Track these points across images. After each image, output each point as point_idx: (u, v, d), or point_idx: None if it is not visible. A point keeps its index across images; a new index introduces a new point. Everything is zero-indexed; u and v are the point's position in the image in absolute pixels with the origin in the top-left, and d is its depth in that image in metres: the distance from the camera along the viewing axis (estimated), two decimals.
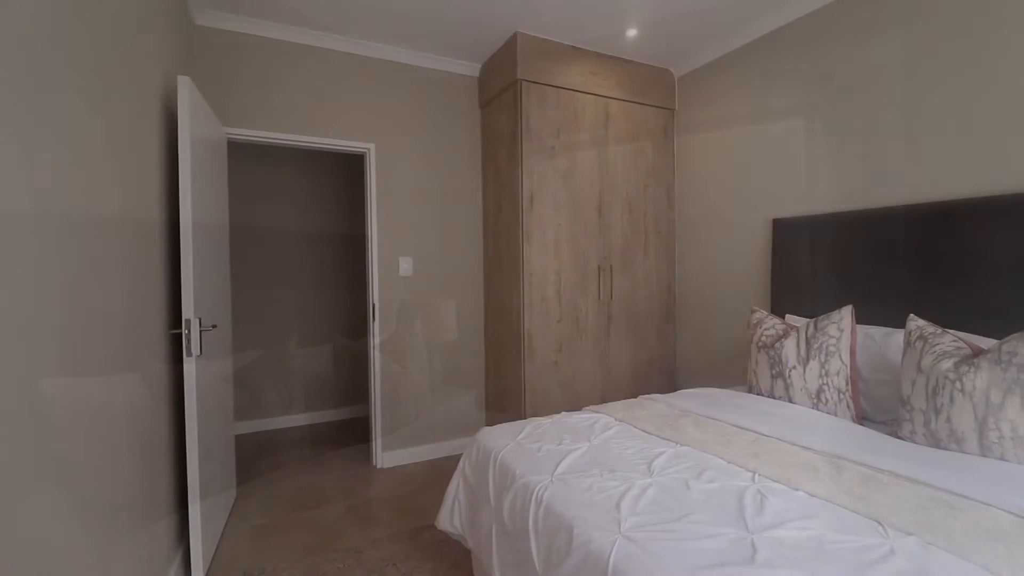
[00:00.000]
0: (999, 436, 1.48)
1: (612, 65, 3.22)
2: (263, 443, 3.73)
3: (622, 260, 3.31)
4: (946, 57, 2.10)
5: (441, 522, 1.96)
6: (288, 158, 4.13)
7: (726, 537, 1.16)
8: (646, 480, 1.47)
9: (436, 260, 3.35)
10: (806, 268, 2.59)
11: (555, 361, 3.07)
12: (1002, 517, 1.21)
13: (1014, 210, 1.86)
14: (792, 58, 2.73)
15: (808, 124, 2.66)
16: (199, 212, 2.16)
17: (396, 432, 3.25)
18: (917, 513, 1.22)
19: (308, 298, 4.21)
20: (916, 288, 2.14)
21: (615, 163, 3.26)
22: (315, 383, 4.23)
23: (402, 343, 3.25)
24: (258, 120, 2.87)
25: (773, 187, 2.85)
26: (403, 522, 2.51)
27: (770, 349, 2.18)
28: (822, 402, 1.99)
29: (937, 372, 1.61)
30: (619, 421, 2.03)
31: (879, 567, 1.04)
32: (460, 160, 3.42)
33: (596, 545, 1.19)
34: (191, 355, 2.03)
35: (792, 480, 1.42)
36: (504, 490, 1.62)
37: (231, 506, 2.71)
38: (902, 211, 2.20)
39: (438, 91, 3.34)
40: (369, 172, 3.14)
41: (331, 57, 3.02)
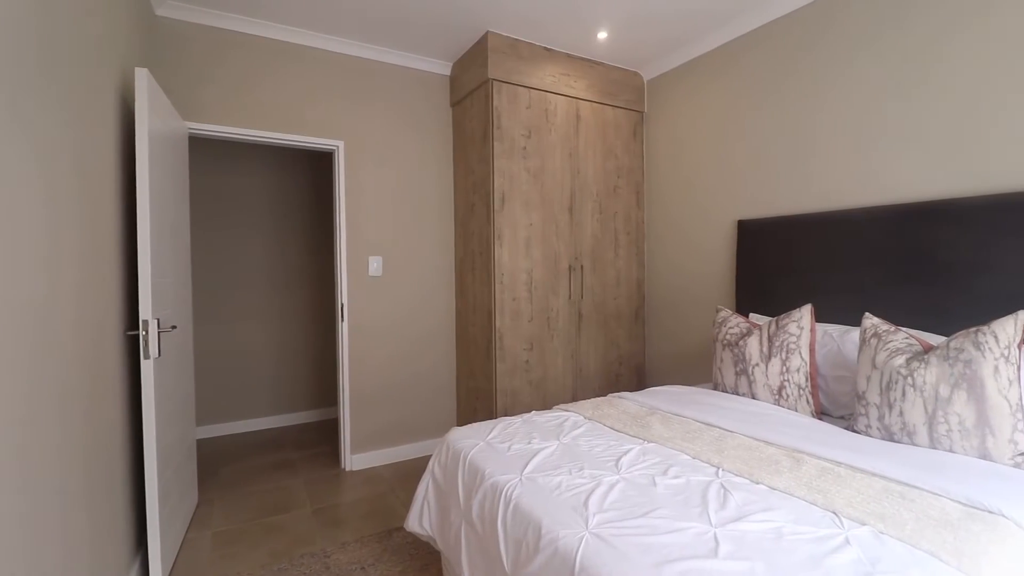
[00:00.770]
0: (947, 429, 1.55)
1: (583, 67, 3.25)
2: (228, 447, 3.62)
3: (593, 260, 3.34)
4: (891, 69, 2.19)
5: (410, 524, 1.94)
6: (255, 155, 4.03)
7: (690, 531, 1.19)
8: (614, 477, 1.48)
9: (407, 260, 3.32)
10: (769, 268, 2.67)
11: (526, 360, 3.08)
12: (949, 506, 1.27)
13: (961, 213, 1.96)
14: (754, 64, 2.81)
15: (769, 128, 2.74)
16: (158, 209, 2.08)
17: (365, 434, 3.20)
18: (871, 504, 1.27)
19: (275, 298, 4.11)
20: (872, 287, 2.22)
21: (586, 164, 3.29)
22: (282, 385, 4.14)
23: (372, 343, 3.21)
24: (223, 115, 2.78)
25: (738, 189, 2.92)
26: (372, 525, 2.48)
27: (734, 347, 2.24)
28: (783, 398, 2.05)
29: (890, 368, 1.68)
30: (588, 419, 2.05)
31: (834, 557, 1.07)
32: (431, 159, 3.40)
33: (564, 543, 1.20)
34: (148, 357, 1.96)
35: (754, 474, 1.46)
36: (473, 490, 1.61)
37: (192, 513, 2.62)
38: (858, 214, 2.29)
39: (409, 89, 3.30)
40: (337, 170, 3.08)
41: (299, 52, 2.96)
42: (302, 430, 4.01)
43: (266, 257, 4.08)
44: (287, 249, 4.16)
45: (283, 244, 4.14)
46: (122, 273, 1.98)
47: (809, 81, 2.55)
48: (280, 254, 4.13)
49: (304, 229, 4.24)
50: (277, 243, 4.12)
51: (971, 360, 1.53)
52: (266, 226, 4.08)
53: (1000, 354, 1.50)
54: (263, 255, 4.07)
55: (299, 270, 4.21)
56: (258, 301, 4.04)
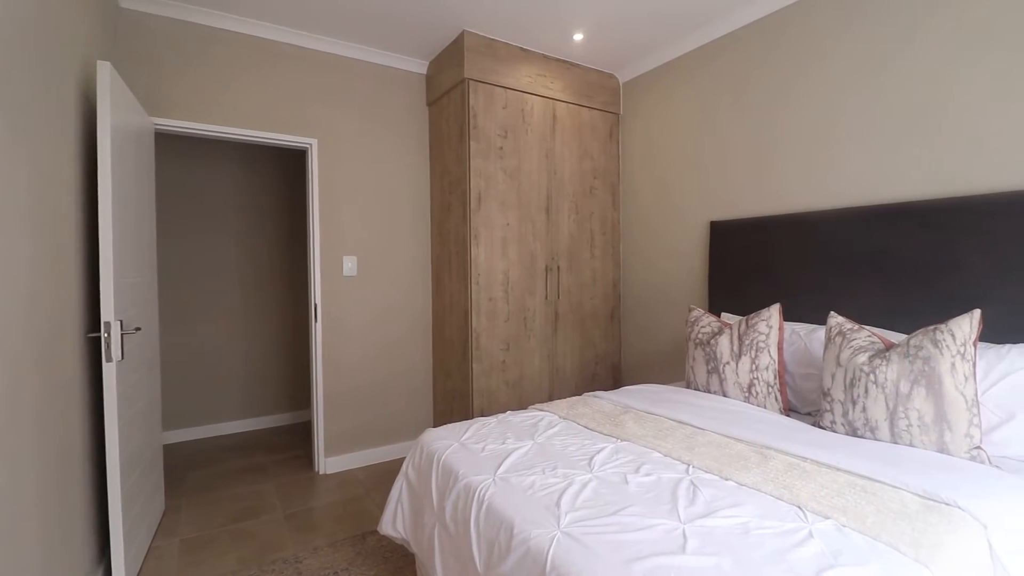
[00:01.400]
0: (907, 424, 1.60)
1: (559, 68, 3.26)
2: (197, 452, 3.53)
3: (569, 260, 3.36)
4: (847, 75, 2.26)
5: (383, 526, 1.91)
6: (226, 152, 3.94)
7: (660, 528, 1.20)
8: (586, 476, 1.49)
9: (382, 260, 3.28)
10: (740, 268, 2.72)
11: (503, 360, 3.08)
12: (908, 499, 1.31)
13: (922, 216, 2.02)
14: (722, 69, 2.86)
15: (737, 131, 2.79)
16: (121, 206, 2.02)
17: (340, 436, 3.15)
18: (834, 498, 1.30)
19: (247, 299, 4.03)
20: (838, 287, 2.28)
21: (562, 164, 3.30)
22: (254, 387, 4.05)
23: (346, 344, 3.16)
24: (192, 111, 2.71)
25: (710, 191, 2.97)
26: (346, 529, 2.44)
27: (706, 346, 2.27)
28: (753, 395, 2.09)
29: (854, 365, 1.73)
30: (563, 419, 2.05)
31: (798, 550, 1.10)
32: (407, 158, 3.37)
33: (535, 542, 1.20)
34: (111, 360, 1.89)
35: (723, 471, 1.48)
36: (447, 491, 1.60)
37: (159, 520, 2.54)
38: (824, 215, 2.35)
39: (384, 88, 3.27)
40: (311, 168, 3.03)
41: (271, 48, 2.90)
42: (274, 433, 3.93)
43: (237, 257, 3.99)
44: (259, 248, 4.08)
45: (255, 243, 4.06)
46: (83, 273, 1.92)
47: (773, 86, 2.63)
48: (252, 254, 4.05)
49: (277, 228, 4.16)
50: (249, 242, 4.03)
51: (929, 357, 1.58)
52: (237, 225, 3.99)
53: (957, 351, 1.56)
54: (234, 254, 3.98)
55: (271, 270, 4.13)
56: (229, 302, 3.95)
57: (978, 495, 1.29)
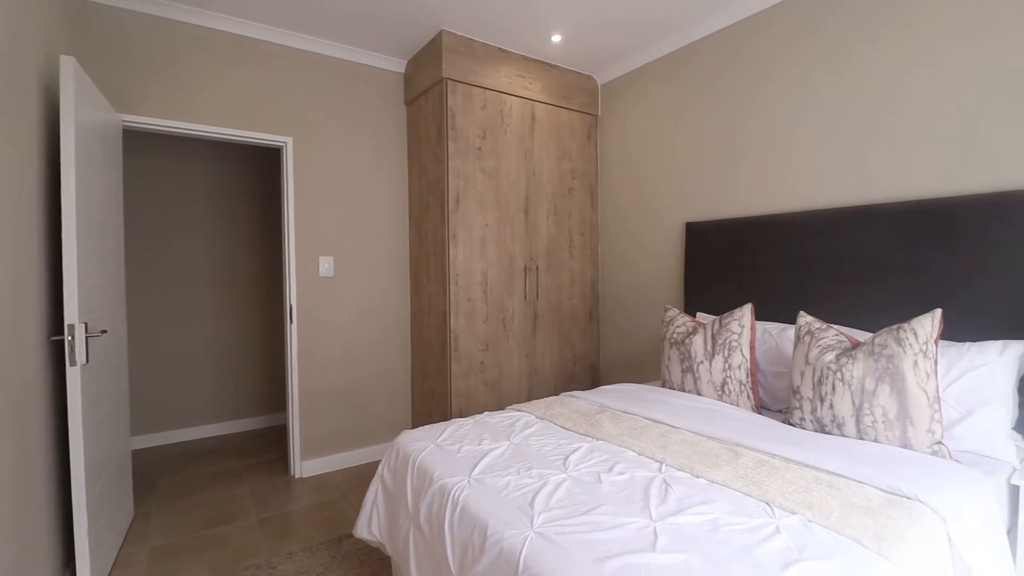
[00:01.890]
0: (872, 420, 1.65)
1: (538, 69, 3.27)
2: (168, 457, 3.44)
3: (548, 260, 3.37)
4: (815, 80, 2.32)
5: (359, 530, 1.90)
6: (198, 150, 3.85)
7: (632, 526, 1.21)
8: (561, 476, 1.50)
9: (359, 260, 3.25)
10: (715, 269, 2.76)
11: (481, 361, 3.07)
12: (872, 493, 1.34)
13: (888, 218, 2.08)
14: (696, 73, 2.91)
15: (711, 134, 2.84)
16: (86, 204, 1.96)
17: (317, 439, 3.11)
18: (801, 494, 1.33)
19: (220, 300, 3.94)
20: (808, 287, 2.34)
21: (541, 165, 3.31)
22: (228, 391, 3.97)
23: (323, 346, 3.12)
24: (163, 108, 2.65)
25: (685, 192, 3.01)
26: (322, 533, 2.41)
27: (681, 345, 2.30)
28: (726, 394, 2.12)
29: (822, 364, 1.77)
30: (540, 419, 2.06)
31: (765, 545, 1.12)
32: (385, 158, 3.34)
33: (508, 543, 1.20)
34: (75, 364, 1.84)
35: (695, 468, 1.50)
36: (422, 493, 1.59)
37: (128, 527, 2.48)
38: (793, 217, 2.41)
39: (361, 86, 3.24)
40: (286, 167, 2.99)
41: (245, 44, 2.85)
42: (249, 437, 3.86)
43: (211, 257, 3.91)
44: (233, 248, 4.00)
45: (229, 243, 3.98)
46: (46, 275, 1.86)
47: (741, 91, 2.70)
48: (226, 254, 3.97)
49: (251, 228, 4.08)
50: (222, 242, 3.95)
51: (893, 355, 1.63)
52: (211, 225, 3.91)
53: (919, 350, 1.61)
54: (207, 254, 3.89)
55: (246, 270, 4.06)
56: (202, 303, 3.87)
57: (938, 489, 1.34)
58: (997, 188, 1.86)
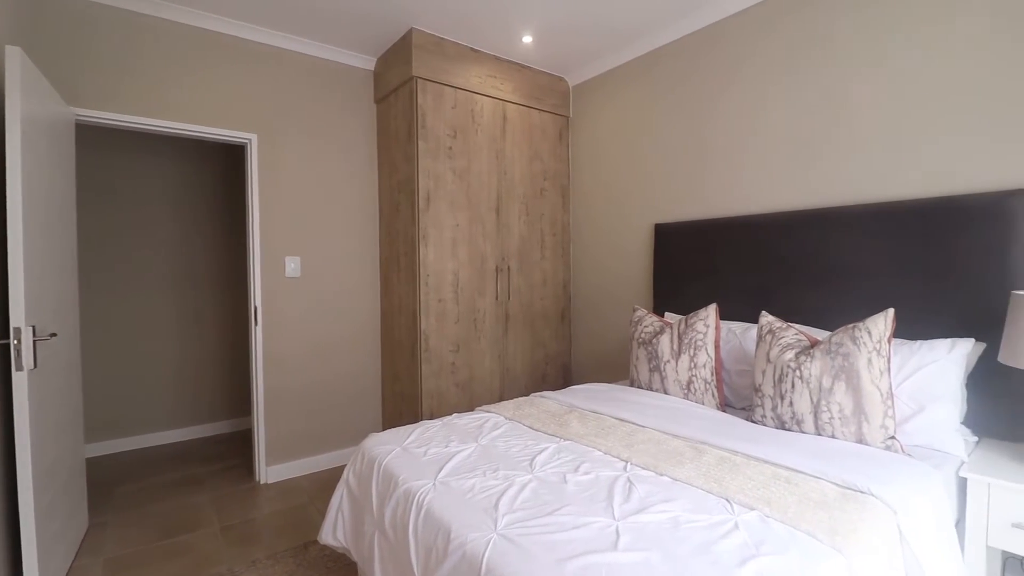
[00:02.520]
0: (829, 417, 1.69)
1: (510, 70, 3.27)
2: (126, 465, 3.31)
3: (520, 261, 3.37)
4: (771, 87, 2.38)
5: (324, 536, 1.86)
6: (158, 147, 3.72)
7: (594, 526, 1.22)
8: (527, 477, 1.49)
9: (327, 260, 3.19)
10: (683, 269, 2.81)
11: (452, 362, 3.05)
12: (828, 488, 1.38)
13: (847, 220, 2.15)
14: (666, 77, 2.96)
15: (678, 138, 2.89)
16: (34, 202, 1.87)
17: (283, 444, 3.04)
18: (760, 490, 1.36)
19: (182, 301, 3.82)
20: (771, 287, 2.39)
21: (513, 166, 3.31)
22: (189, 395, 3.84)
23: (289, 348, 3.05)
24: (120, 102, 2.55)
25: (654, 194, 3.05)
26: (287, 540, 2.36)
27: (648, 344, 2.33)
28: (692, 392, 2.16)
29: (782, 362, 1.81)
30: (509, 420, 2.06)
31: (724, 541, 1.14)
32: (354, 156, 3.29)
33: (471, 546, 1.19)
34: (22, 369, 1.75)
35: (659, 467, 1.52)
36: (387, 497, 1.57)
37: (81, 539, 2.37)
38: (755, 219, 2.47)
39: (330, 83, 3.18)
40: (250, 164, 2.91)
41: (208, 38, 2.76)
42: (212, 443, 3.74)
43: (171, 257, 3.78)
44: (195, 249, 3.88)
45: (191, 243, 3.86)
46: None
47: (705, 97, 2.77)
48: (187, 254, 3.84)
49: (214, 227, 3.97)
50: (184, 242, 3.83)
51: (849, 354, 1.68)
52: (171, 224, 3.78)
53: (873, 348, 1.66)
54: (168, 255, 3.76)
55: (209, 271, 3.94)
56: (163, 305, 3.74)
57: (889, 483, 1.38)
58: (944, 192, 1.93)
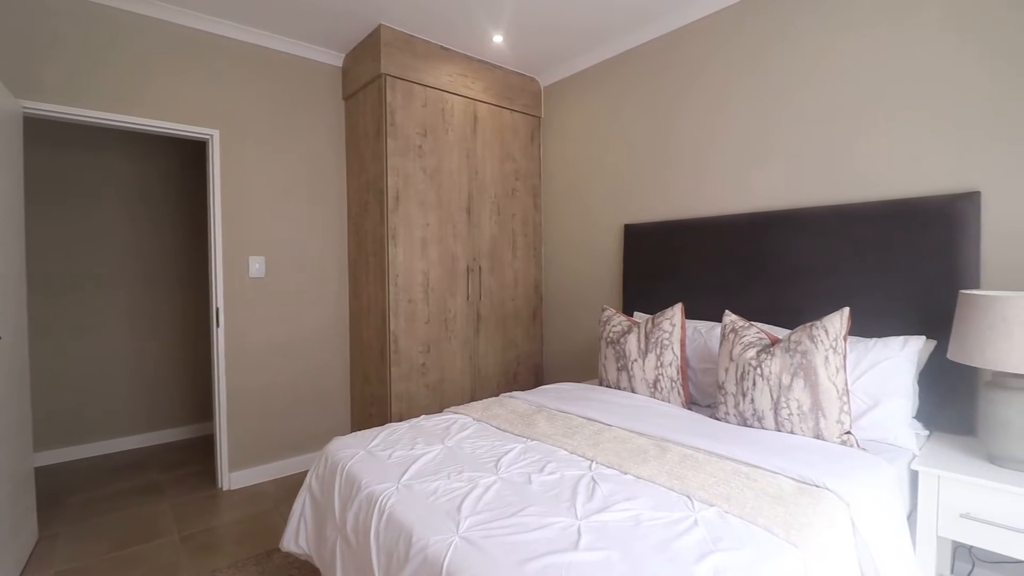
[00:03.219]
0: (788, 413, 1.73)
1: (481, 69, 3.25)
2: (81, 473, 3.18)
3: (491, 261, 3.36)
4: (722, 94, 2.43)
5: (286, 543, 1.81)
6: (114, 142, 3.58)
7: (557, 526, 1.21)
8: (491, 478, 1.48)
9: (293, 260, 3.12)
10: (651, 269, 2.84)
11: (423, 363, 3.02)
12: (785, 483, 1.41)
13: (806, 222, 2.20)
14: (634, 80, 2.99)
15: (646, 139, 2.93)
16: None
17: (247, 449, 2.96)
18: (720, 486, 1.38)
19: (140, 303, 3.68)
20: (736, 286, 2.44)
21: (484, 165, 3.30)
22: (147, 400, 3.70)
23: (253, 351, 2.97)
24: (72, 95, 2.44)
25: (624, 195, 3.08)
26: (250, 547, 2.29)
27: (616, 344, 2.35)
28: (658, 391, 2.18)
29: (743, 360, 1.85)
30: (477, 421, 2.04)
31: (683, 538, 1.15)
32: (321, 154, 3.23)
33: (432, 549, 1.17)
34: None
35: (623, 465, 1.53)
36: (349, 502, 1.54)
37: (30, 552, 2.26)
38: (718, 220, 2.52)
39: (296, 79, 3.11)
40: (212, 161, 2.82)
41: (169, 31, 2.67)
42: (172, 449, 3.62)
43: (128, 257, 3.64)
44: (154, 248, 3.74)
45: (149, 243, 3.72)
46: None
47: (670, 100, 2.82)
48: (145, 254, 3.71)
49: (175, 226, 3.84)
50: (142, 242, 3.69)
51: (807, 351, 1.72)
52: (128, 222, 3.64)
53: (830, 346, 1.70)
54: (125, 255, 3.62)
55: (168, 271, 3.80)
56: (120, 306, 3.60)
57: (844, 477, 1.42)
58: (898, 196, 2.00)
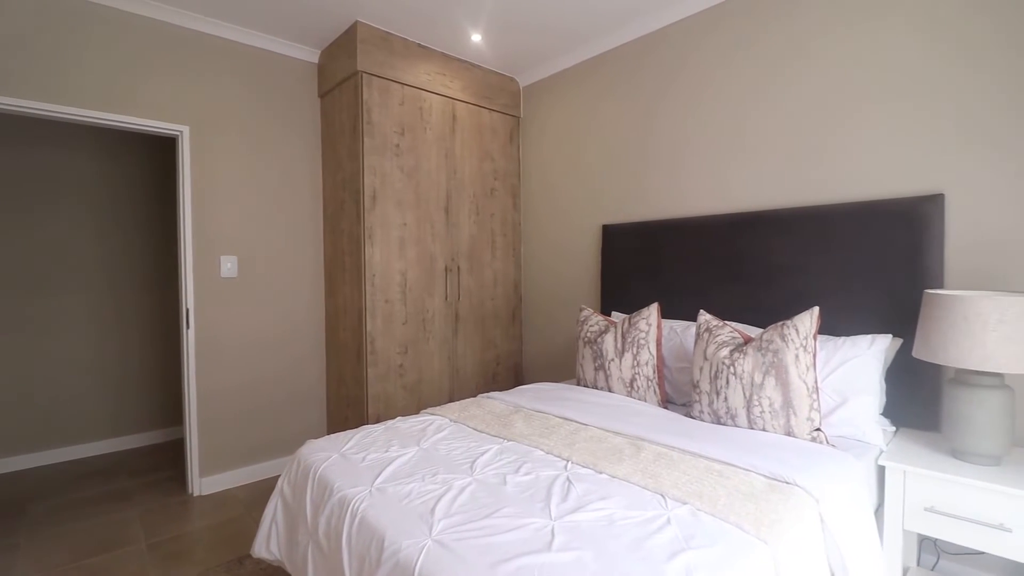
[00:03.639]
0: (761, 411, 1.76)
1: (459, 68, 3.23)
2: (44, 480, 3.06)
3: (470, 261, 3.34)
4: (695, 95, 2.47)
5: (257, 549, 1.77)
6: (80, 138, 3.46)
7: (531, 527, 1.21)
8: (466, 480, 1.47)
9: (267, 260, 3.06)
10: (629, 269, 2.86)
11: (400, 364, 2.99)
12: (756, 480, 1.43)
13: (778, 223, 2.24)
14: (612, 80, 3.01)
15: (623, 139, 2.95)
16: None
17: (219, 454, 2.89)
18: (693, 484, 1.39)
19: (108, 304, 3.56)
20: (711, 286, 2.47)
21: (463, 165, 3.28)
22: (115, 404, 3.59)
23: (226, 353, 2.90)
24: (30, 88, 2.34)
25: (602, 195, 3.10)
26: (221, 554, 2.24)
27: (593, 344, 2.36)
28: (635, 390, 2.20)
29: (717, 359, 1.87)
30: (453, 422, 2.03)
31: (656, 536, 1.16)
32: (296, 152, 3.17)
33: (405, 553, 1.16)
34: None
35: (598, 464, 1.53)
36: (321, 506, 1.51)
37: None
38: (693, 221, 2.55)
39: (271, 75, 3.05)
40: (182, 158, 2.75)
41: (134, 23, 2.59)
42: (141, 454, 3.51)
43: (93, 256, 3.52)
44: (122, 248, 3.63)
45: (117, 242, 3.60)
46: None
47: (647, 99, 2.84)
48: (114, 253, 3.59)
49: (143, 225, 3.73)
50: (109, 241, 3.58)
51: (778, 350, 1.75)
52: (95, 221, 3.52)
53: (800, 344, 1.73)
54: (92, 254, 3.50)
55: (136, 271, 3.69)
56: (87, 307, 3.48)
57: (813, 473, 1.44)
58: (864, 198, 2.05)
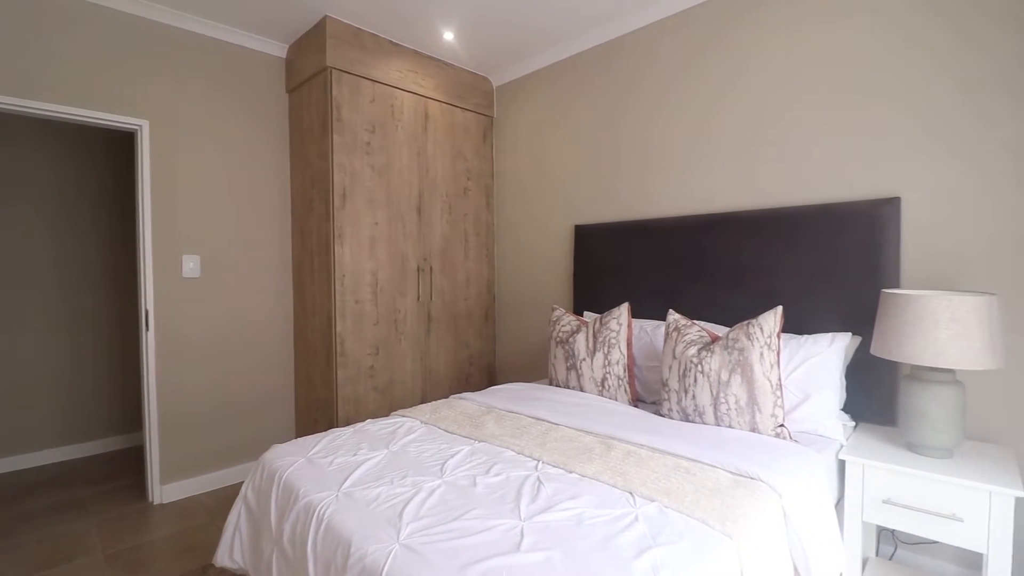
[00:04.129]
0: (727, 408, 1.79)
1: (432, 66, 3.21)
2: None
3: (442, 261, 3.31)
4: (663, 97, 2.51)
5: (220, 558, 1.72)
6: (32, 132, 3.30)
7: (500, 528, 1.20)
8: (436, 482, 1.46)
9: (232, 259, 2.97)
10: (601, 269, 2.88)
11: (371, 366, 2.95)
12: (723, 476, 1.46)
13: (746, 224, 2.29)
14: (583, 82, 3.04)
15: (595, 140, 2.97)
16: None
17: (181, 460, 2.79)
18: (661, 481, 1.40)
19: (62, 305, 3.40)
20: (681, 286, 2.51)
21: (435, 164, 3.25)
22: (71, 409, 3.43)
23: (188, 355, 2.81)
24: None
25: (575, 196, 3.12)
26: (182, 564, 2.17)
27: (565, 343, 2.37)
28: (606, 389, 2.21)
29: (685, 358, 1.90)
30: (424, 423, 2.01)
31: (624, 534, 1.16)
32: (263, 148, 3.09)
33: (371, 559, 1.14)
34: None
35: (569, 464, 1.54)
36: (286, 512, 1.47)
37: None
38: (666, 222, 2.58)
39: (236, 69, 2.96)
40: (141, 154, 2.65)
41: (89, 11, 2.47)
42: (100, 461, 3.37)
43: (49, 256, 3.36)
44: (77, 247, 3.47)
45: (72, 241, 3.45)
46: None
47: (616, 100, 2.88)
48: (68, 253, 3.43)
49: (100, 224, 3.57)
50: (63, 240, 3.41)
51: (744, 348, 1.78)
52: (47, 219, 3.36)
53: (764, 342, 1.78)
54: (45, 254, 3.34)
55: (92, 270, 3.53)
56: (39, 309, 3.32)
57: (776, 468, 1.48)
58: (824, 200, 2.12)
